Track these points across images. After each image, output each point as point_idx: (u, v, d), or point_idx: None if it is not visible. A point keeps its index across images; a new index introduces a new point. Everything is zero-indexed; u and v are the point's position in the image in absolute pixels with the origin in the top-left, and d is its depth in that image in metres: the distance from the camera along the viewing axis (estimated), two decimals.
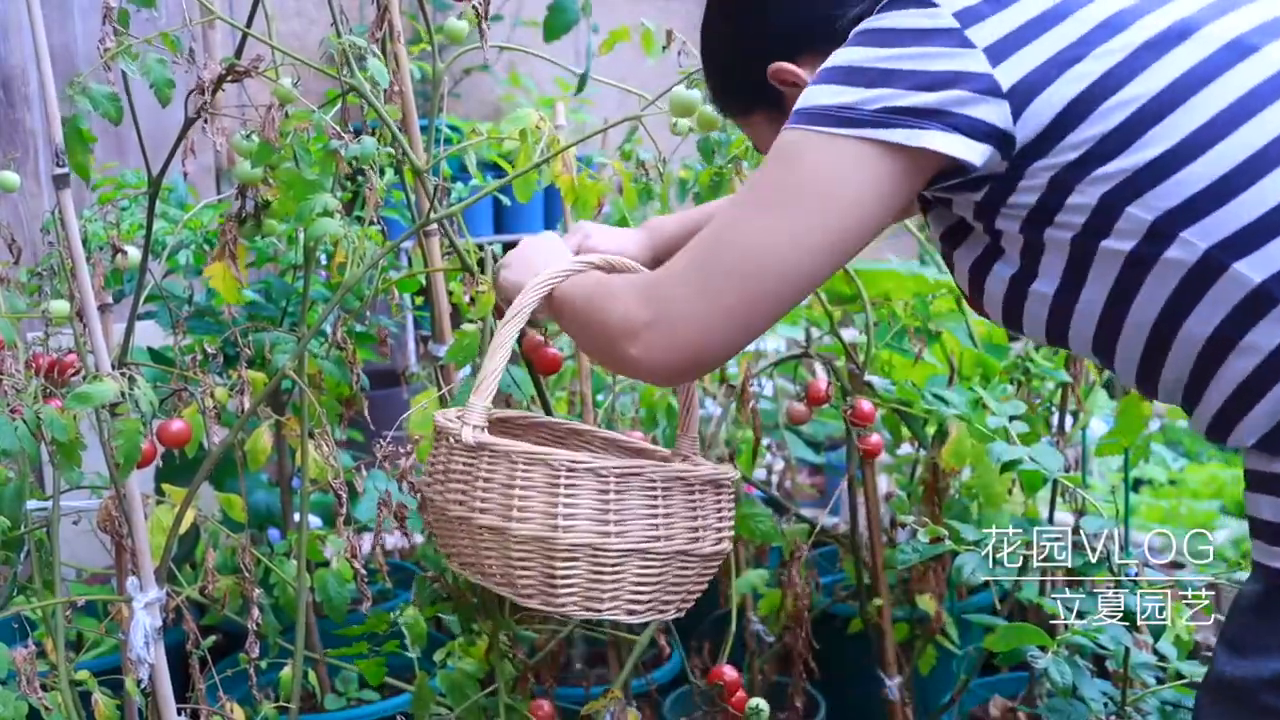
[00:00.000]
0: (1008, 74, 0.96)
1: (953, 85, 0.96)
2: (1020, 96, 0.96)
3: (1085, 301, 0.99)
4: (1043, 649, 1.44)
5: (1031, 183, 0.98)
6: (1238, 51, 0.94)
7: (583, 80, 1.40)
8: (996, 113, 0.96)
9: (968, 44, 0.96)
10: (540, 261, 1.30)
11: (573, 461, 1.15)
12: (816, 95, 1.00)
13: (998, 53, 0.96)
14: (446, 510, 1.22)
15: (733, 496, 1.26)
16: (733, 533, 1.26)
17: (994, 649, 1.32)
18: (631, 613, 1.19)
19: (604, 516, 1.15)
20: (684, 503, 1.19)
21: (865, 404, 1.72)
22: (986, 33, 0.97)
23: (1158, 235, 0.93)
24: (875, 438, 1.75)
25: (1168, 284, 0.94)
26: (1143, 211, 0.94)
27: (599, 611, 1.17)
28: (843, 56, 1.01)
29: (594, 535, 1.14)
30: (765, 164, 1.04)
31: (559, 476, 1.14)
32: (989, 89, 0.95)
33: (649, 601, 1.19)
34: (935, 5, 0.99)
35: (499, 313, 1.56)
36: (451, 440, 1.21)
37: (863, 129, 0.97)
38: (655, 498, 1.17)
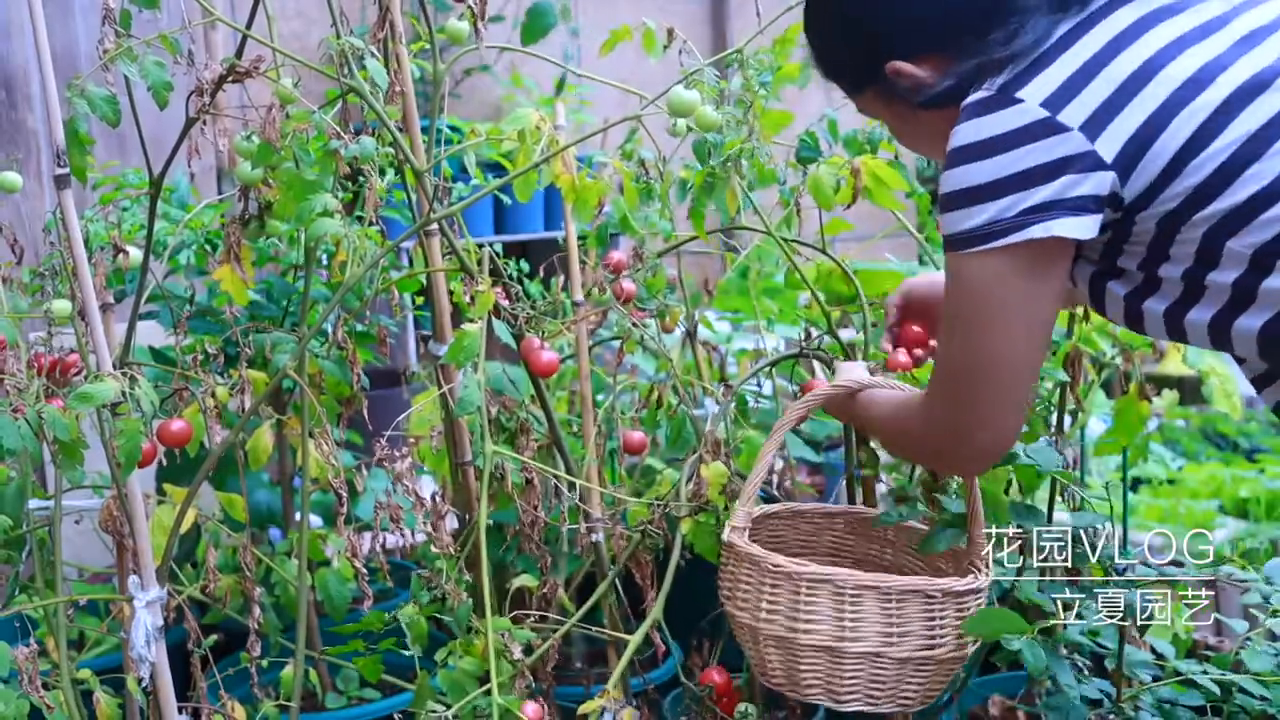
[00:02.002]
0: (1107, 146, 1.05)
1: (1062, 172, 1.06)
2: (1122, 164, 1.06)
3: (1196, 316, 1.11)
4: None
5: (1142, 229, 1.10)
6: None
7: (560, 83, 1.41)
8: (1105, 182, 1.06)
9: (1063, 128, 1.06)
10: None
11: (857, 583, 1.31)
12: (958, 222, 1.11)
13: (1093, 128, 1.06)
14: (735, 616, 1.39)
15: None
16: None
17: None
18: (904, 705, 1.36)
19: (887, 627, 1.31)
20: (954, 611, 1.34)
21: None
22: (1077, 113, 1.06)
23: (1259, 266, 1.06)
24: None
25: (1276, 304, 1.06)
26: (1242, 247, 1.05)
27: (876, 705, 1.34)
28: (957, 180, 1.11)
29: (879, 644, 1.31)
30: (948, 298, 1.19)
31: (844, 595, 1.30)
32: (1094, 164, 1.06)
33: (916, 694, 1.36)
34: (1021, 101, 1.08)
35: (498, 312, 1.57)
36: (736, 550, 1.38)
37: (1006, 237, 1.09)
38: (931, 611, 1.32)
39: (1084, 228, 1.08)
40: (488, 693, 1.44)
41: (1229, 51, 1.07)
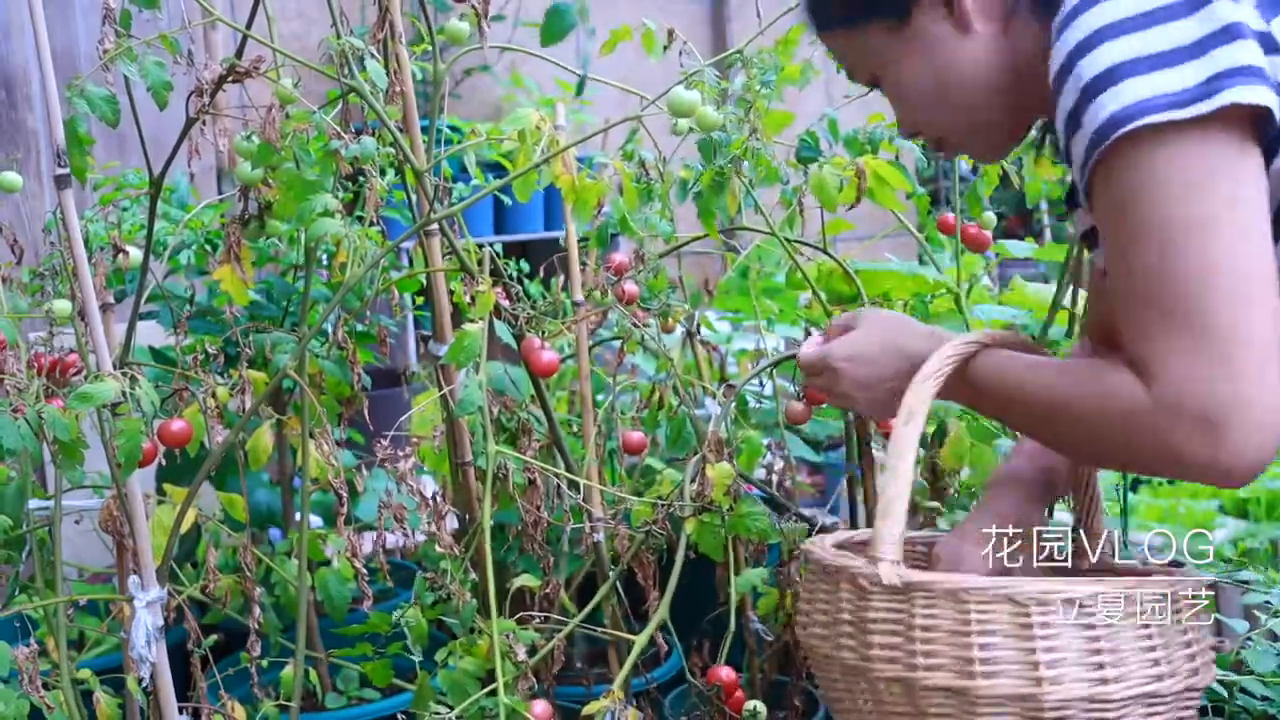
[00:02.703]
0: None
1: (1241, 36, 0.87)
2: None
3: None
4: None
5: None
6: None
7: (580, 85, 1.40)
8: None
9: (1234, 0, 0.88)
10: (897, 347, 1.11)
11: (1044, 595, 0.91)
12: (1129, 94, 0.88)
13: (1269, 6, 0.90)
14: (849, 664, 0.98)
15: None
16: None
17: None
18: None
19: (1096, 659, 0.91)
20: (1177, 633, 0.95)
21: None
22: None
23: None
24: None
25: None
26: None
27: None
28: (1119, 53, 0.89)
29: (1089, 686, 0.91)
30: (1136, 208, 0.89)
31: (1030, 617, 0.90)
32: (1271, 45, 0.88)
33: None
34: None
35: (498, 312, 1.56)
36: (862, 582, 0.97)
37: (1199, 104, 0.86)
38: (1149, 629, 0.94)
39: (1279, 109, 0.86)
40: (490, 693, 1.44)
41: None
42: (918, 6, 1.04)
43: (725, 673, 1.64)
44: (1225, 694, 1.53)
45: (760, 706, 1.61)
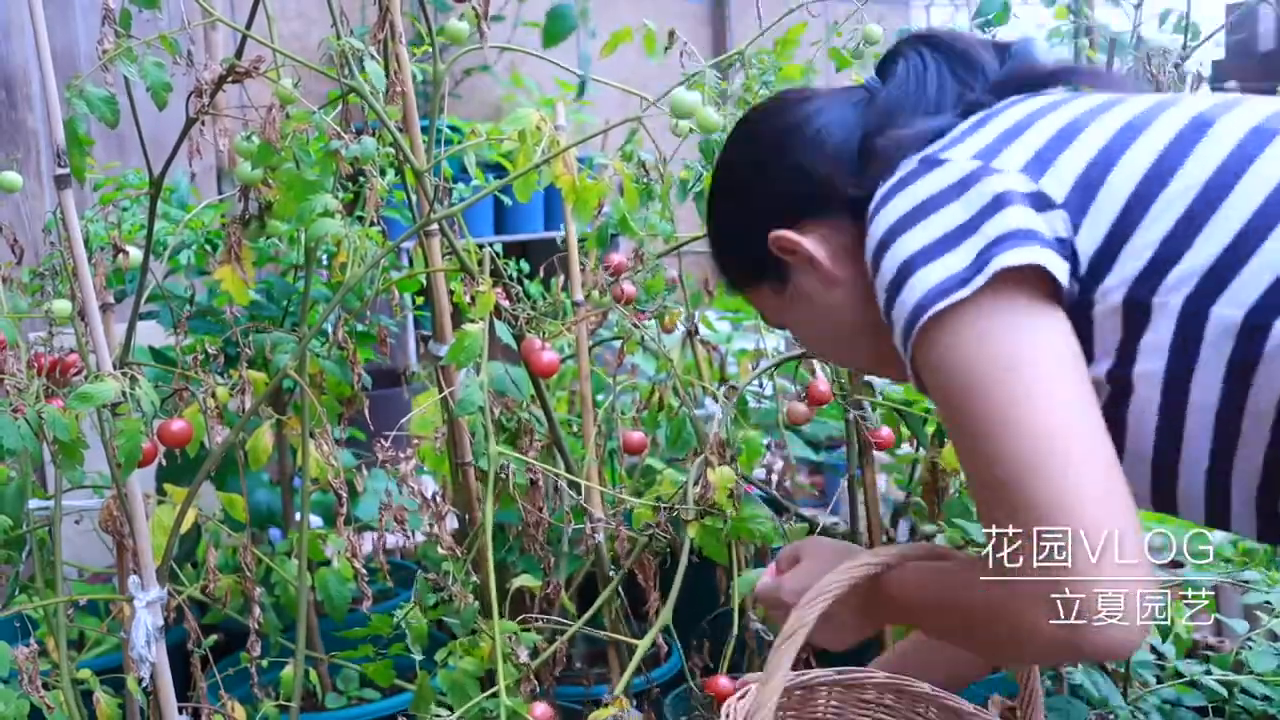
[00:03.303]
0: (1053, 185, 0.90)
1: (1010, 204, 0.88)
2: (1074, 202, 0.89)
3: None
4: None
5: (1105, 307, 0.89)
6: (1264, 136, 0.89)
7: (582, 87, 1.40)
8: (1059, 223, 0.89)
9: (1001, 170, 0.91)
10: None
11: None
12: (915, 292, 0.90)
13: (1035, 169, 0.91)
14: None
15: None
16: None
17: None
18: None
19: None
20: None
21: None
22: (1013, 159, 0.92)
23: (1255, 330, 0.83)
24: (886, 431, 1.76)
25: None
26: (1232, 310, 0.84)
27: None
28: (900, 252, 0.92)
29: None
30: (947, 399, 0.91)
31: None
32: (1043, 203, 0.89)
33: None
34: (948, 160, 0.94)
35: (498, 312, 1.57)
36: None
37: (977, 278, 0.87)
38: None
39: (1057, 264, 0.87)
40: (491, 695, 1.44)
41: (1152, 109, 0.94)
42: (793, 270, 1.09)
43: (724, 682, 1.65)
44: (1225, 694, 1.53)
45: None
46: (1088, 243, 0.89)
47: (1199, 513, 0.93)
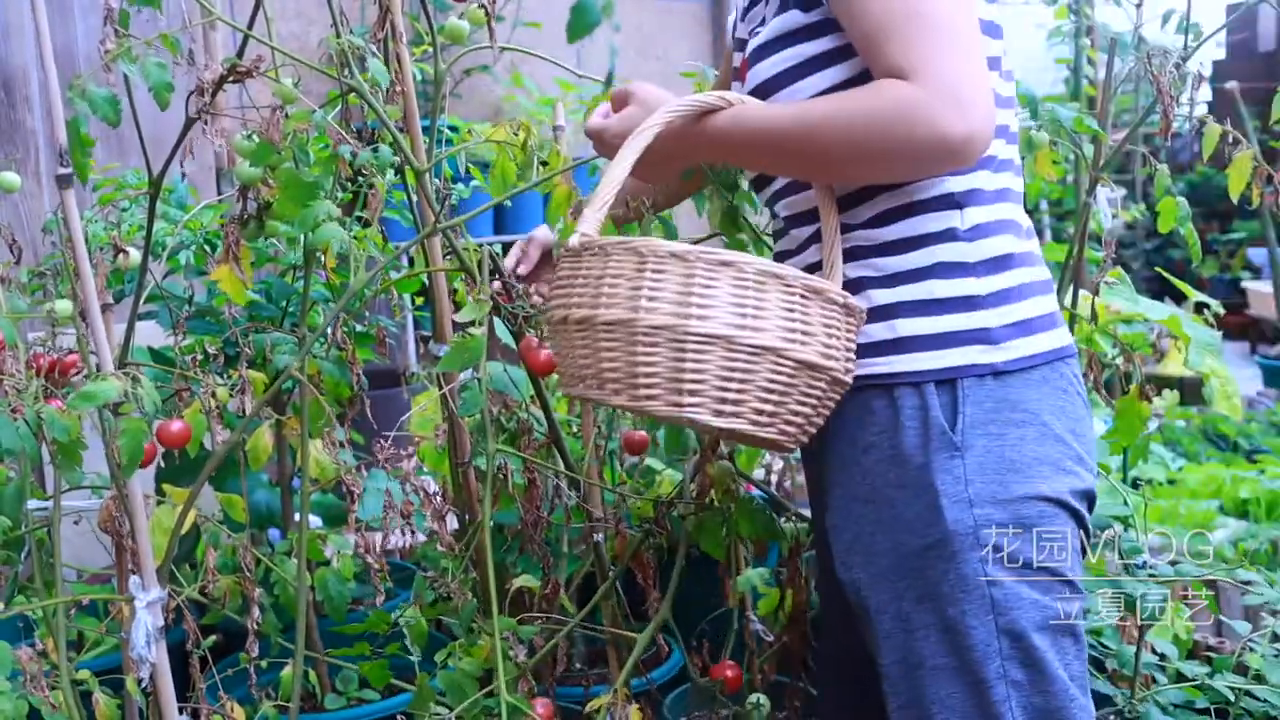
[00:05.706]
0: None
1: None
2: None
3: None
4: None
5: None
6: None
7: (609, 78, 1.40)
8: None
9: None
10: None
11: (708, 255, 1.09)
12: None
13: None
14: (569, 317, 1.15)
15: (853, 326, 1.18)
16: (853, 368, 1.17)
17: None
18: (756, 423, 1.11)
19: (742, 310, 1.08)
20: (821, 315, 1.12)
21: None
22: None
23: None
24: None
25: None
26: None
27: (723, 416, 1.10)
28: None
29: (730, 328, 1.08)
30: None
31: (694, 269, 1.09)
32: None
33: (774, 414, 1.12)
34: None
35: (497, 310, 1.56)
36: (578, 251, 1.16)
37: None
38: (794, 302, 1.11)
39: None
40: (489, 694, 1.44)
41: None
42: None
43: (730, 670, 1.65)
44: (1230, 698, 1.53)
45: (764, 699, 1.61)
46: None
47: None
